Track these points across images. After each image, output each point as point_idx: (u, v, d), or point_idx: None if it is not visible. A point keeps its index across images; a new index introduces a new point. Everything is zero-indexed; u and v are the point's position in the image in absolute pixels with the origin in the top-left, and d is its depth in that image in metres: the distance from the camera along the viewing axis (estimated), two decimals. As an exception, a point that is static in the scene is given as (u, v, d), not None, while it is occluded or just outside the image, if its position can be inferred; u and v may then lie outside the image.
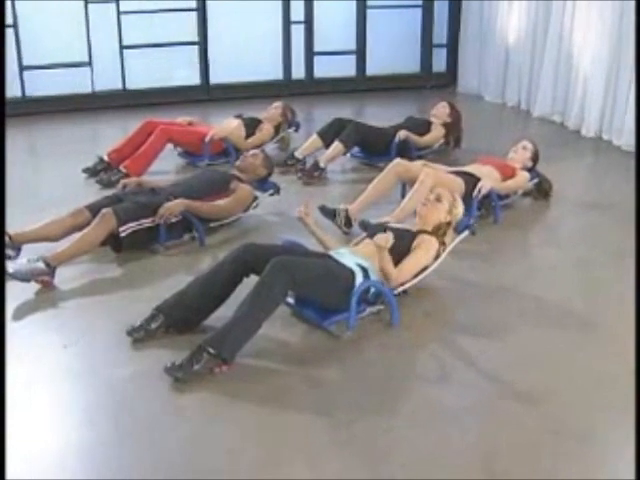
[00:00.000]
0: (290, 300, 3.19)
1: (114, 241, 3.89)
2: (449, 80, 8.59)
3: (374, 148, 5.57)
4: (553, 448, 2.48)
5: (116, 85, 7.44)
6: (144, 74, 7.51)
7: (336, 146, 5.36)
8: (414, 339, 3.20)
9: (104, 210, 3.81)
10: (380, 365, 2.99)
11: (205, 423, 2.62)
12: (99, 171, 5.19)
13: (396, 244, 3.31)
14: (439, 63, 8.65)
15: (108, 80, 7.37)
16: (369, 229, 3.67)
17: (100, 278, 3.73)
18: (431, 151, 5.72)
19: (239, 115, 5.90)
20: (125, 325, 3.10)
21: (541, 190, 4.93)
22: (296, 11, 7.86)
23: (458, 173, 4.55)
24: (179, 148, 5.63)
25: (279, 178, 4.99)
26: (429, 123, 5.79)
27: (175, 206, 3.99)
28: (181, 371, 2.78)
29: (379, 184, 4.46)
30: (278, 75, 8.08)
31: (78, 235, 3.77)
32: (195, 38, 7.61)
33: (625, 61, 5.97)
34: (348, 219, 4.22)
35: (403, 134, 5.46)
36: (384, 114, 6.52)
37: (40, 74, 7.09)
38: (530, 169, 4.89)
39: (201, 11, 7.53)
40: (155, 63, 7.53)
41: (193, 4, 7.53)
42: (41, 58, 7.04)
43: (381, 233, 3.27)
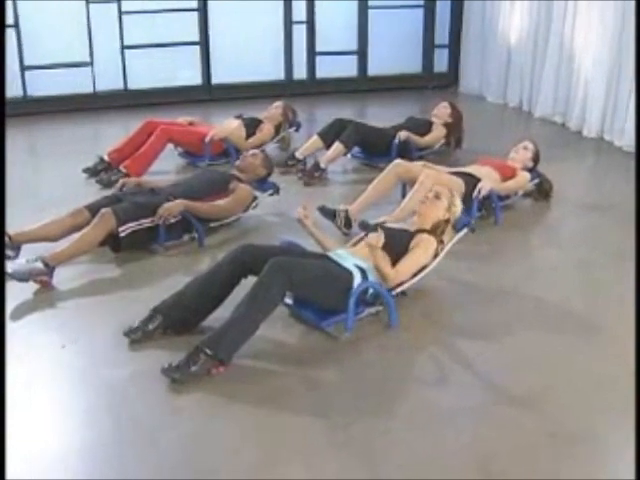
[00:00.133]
0: (289, 301, 3.19)
1: (113, 241, 3.88)
2: (451, 80, 8.59)
3: (375, 148, 5.56)
4: (551, 450, 2.47)
5: (117, 85, 7.43)
6: (145, 74, 7.50)
7: (337, 147, 5.35)
8: (412, 341, 3.19)
9: (103, 210, 3.81)
10: (378, 366, 2.98)
11: (203, 424, 2.61)
12: (99, 171, 5.19)
13: (394, 244, 3.30)
14: (441, 63, 8.64)
15: (109, 80, 7.37)
16: (368, 230, 3.66)
17: (99, 278, 3.72)
18: (432, 151, 5.70)
19: (239, 115, 5.89)
20: (124, 325, 3.09)
21: (542, 191, 4.92)
22: (298, 11, 7.85)
23: (458, 174, 4.54)
24: (179, 148, 5.62)
25: (279, 178, 4.99)
26: (430, 123, 5.78)
27: (174, 206, 3.99)
28: (178, 372, 2.77)
29: (379, 185, 4.46)
30: (280, 75, 8.07)
31: (77, 235, 3.77)
32: (197, 38, 7.60)
33: (626, 62, 5.96)
34: (348, 220, 4.22)
35: (404, 135, 5.44)
36: (386, 114, 6.50)
37: (41, 74, 7.09)
38: (531, 169, 4.88)
39: (203, 11, 7.53)
40: (156, 63, 7.53)
41: (194, 4, 7.53)
42: (42, 58, 7.03)
43: (373, 232, 3.26)
